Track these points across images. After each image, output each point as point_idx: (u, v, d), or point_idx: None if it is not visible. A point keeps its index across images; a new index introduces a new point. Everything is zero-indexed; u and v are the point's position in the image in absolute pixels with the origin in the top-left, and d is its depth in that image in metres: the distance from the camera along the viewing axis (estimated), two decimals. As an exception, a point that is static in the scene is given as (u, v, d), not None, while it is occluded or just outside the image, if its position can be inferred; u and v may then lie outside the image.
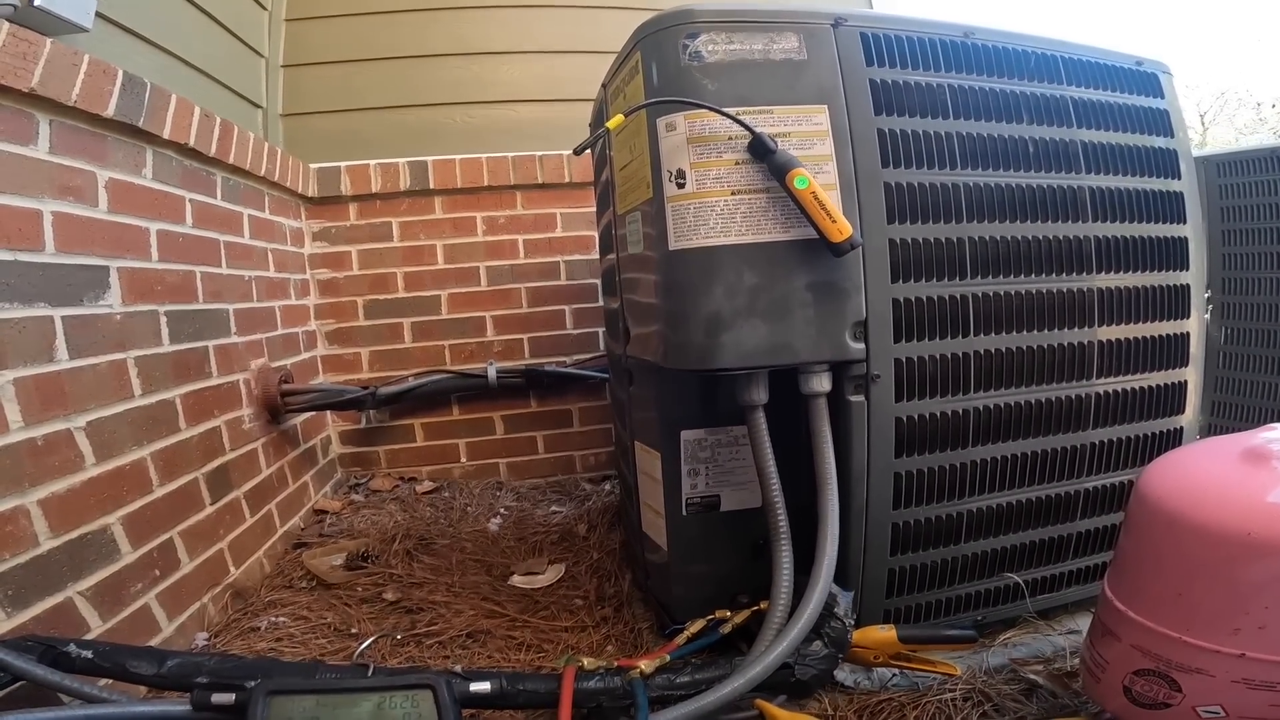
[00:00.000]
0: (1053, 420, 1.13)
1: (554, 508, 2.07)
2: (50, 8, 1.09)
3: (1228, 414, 2.06)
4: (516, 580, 1.56)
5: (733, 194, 0.99)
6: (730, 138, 0.99)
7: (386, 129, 2.34)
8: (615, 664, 0.99)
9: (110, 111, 1.18)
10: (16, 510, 0.95)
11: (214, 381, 1.52)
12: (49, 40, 1.05)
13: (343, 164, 2.21)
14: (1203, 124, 15.44)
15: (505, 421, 2.35)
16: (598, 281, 2.31)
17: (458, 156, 2.26)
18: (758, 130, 0.97)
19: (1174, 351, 1.21)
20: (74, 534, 1.05)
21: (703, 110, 0.98)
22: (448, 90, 2.38)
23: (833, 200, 0.98)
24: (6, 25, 0.97)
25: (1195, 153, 1.35)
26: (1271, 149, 1.92)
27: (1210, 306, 2.07)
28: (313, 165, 2.19)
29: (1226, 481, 0.79)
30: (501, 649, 1.28)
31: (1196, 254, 1.24)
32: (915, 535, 1.11)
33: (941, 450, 1.08)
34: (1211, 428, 2.07)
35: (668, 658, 1.00)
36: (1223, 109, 15.43)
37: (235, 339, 1.64)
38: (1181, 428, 1.23)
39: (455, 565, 1.64)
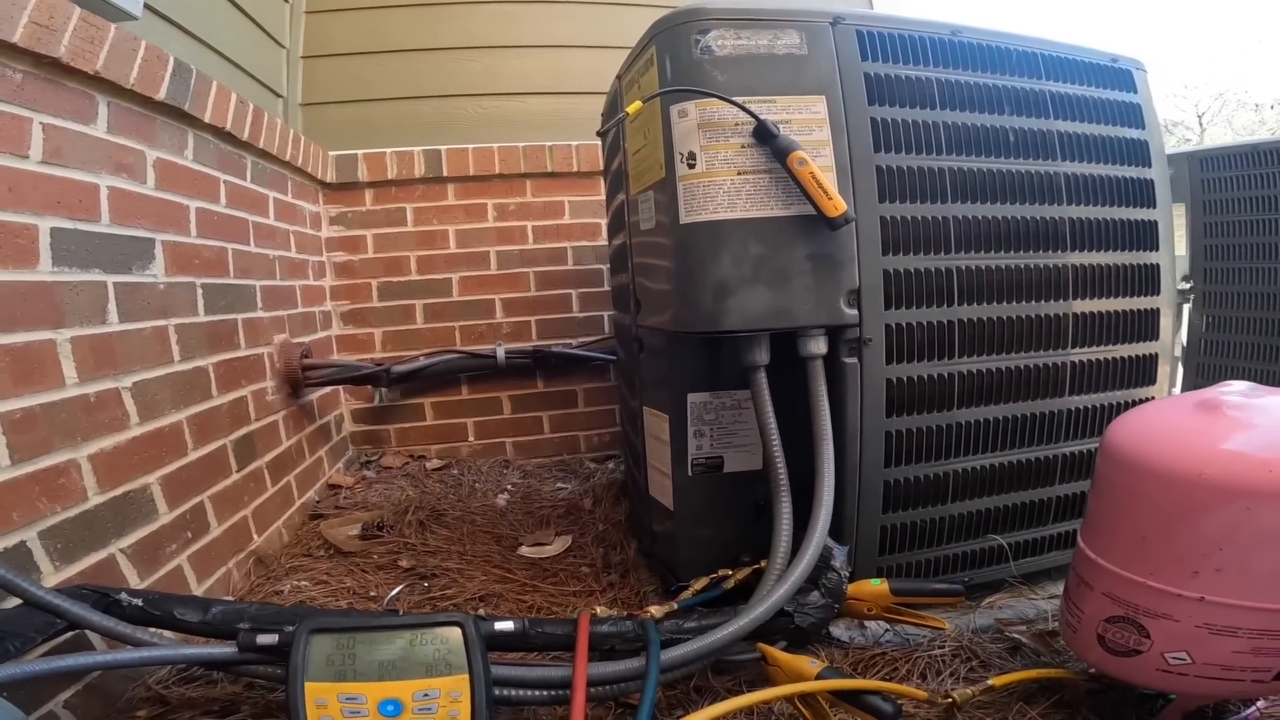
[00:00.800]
0: (1031, 386, 1.22)
1: (560, 484, 2.14)
2: None
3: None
4: (525, 550, 1.61)
5: (739, 174, 1.08)
6: (737, 124, 1.08)
7: (401, 119, 2.41)
8: (627, 613, 1.06)
9: (161, 95, 1.25)
10: (69, 464, 1.00)
11: (242, 353, 1.59)
12: (113, 26, 1.12)
13: (360, 151, 2.28)
14: (1201, 125, 15.44)
15: (512, 401, 2.42)
16: (603, 267, 2.39)
17: (470, 146, 2.34)
18: (762, 117, 1.06)
19: (1145, 325, 1.30)
20: (118, 491, 1.10)
21: (713, 99, 1.07)
22: (460, 82, 2.45)
23: (829, 180, 1.07)
24: (78, 10, 1.04)
25: (1180, 149, 1.42)
26: (1249, 145, 2.00)
27: (1192, 295, 2.15)
28: (331, 153, 2.26)
29: (1182, 429, 0.84)
30: (513, 610, 1.34)
31: (1166, 236, 1.32)
32: (905, 494, 1.19)
33: (929, 411, 1.17)
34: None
35: (675, 606, 1.08)
36: (1221, 110, 15.44)
37: (261, 314, 1.72)
38: (1152, 398, 1.31)
39: (466, 536, 1.70)
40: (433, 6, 2.43)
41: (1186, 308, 2.16)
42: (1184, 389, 2.19)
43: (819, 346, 1.11)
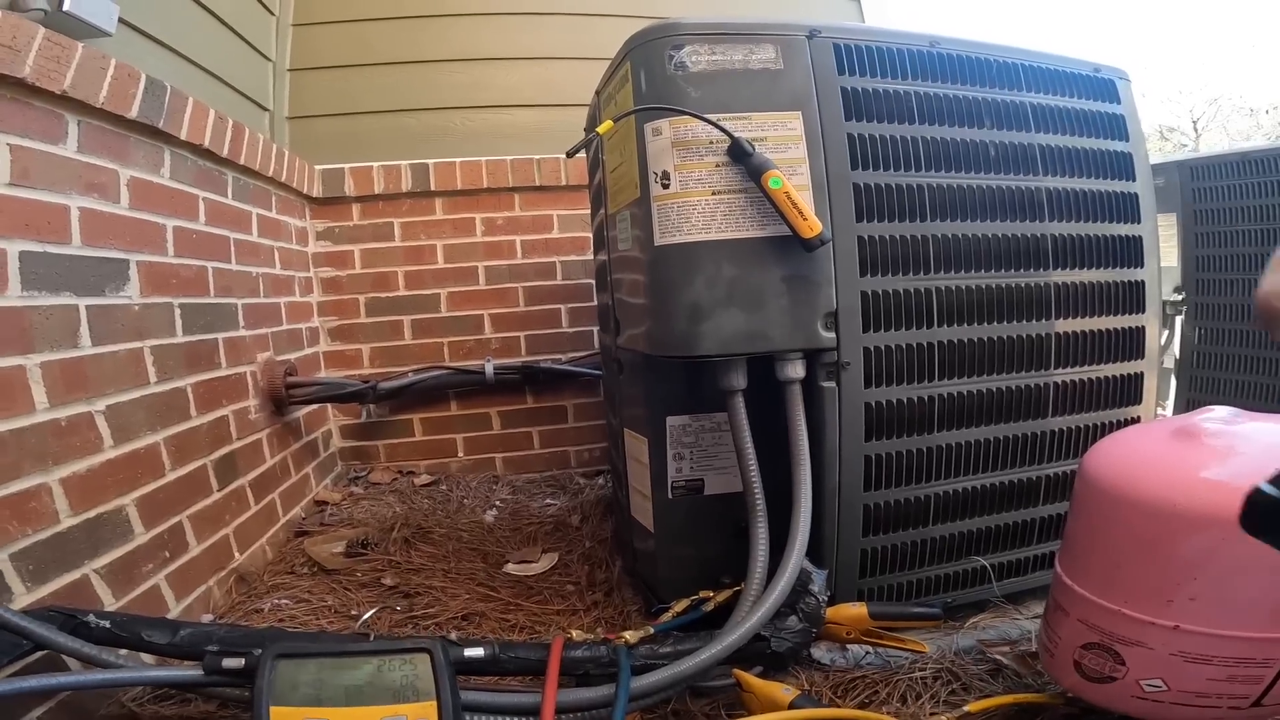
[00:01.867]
0: (1014, 408, 1.20)
1: (548, 500, 2.12)
2: (77, 13, 1.13)
3: (1203, 412, 2.11)
4: (511, 568, 1.60)
5: (713, 194, 1.06)
6: (711, 142, 1.06)
7: (388, 132, 2.40)
8: (602, 636, 1.05)
9: (134, 113, 1.24)
10: (40, 488, 0.99)
11: (223, 372, 1.57)
12: (80, 45, 1.10)
13: (346, 166, 2.27)
14: (1195, 130, 15.44)
15: (502, 417, 2.41)
16: (592, 281, 2.37)
17: (458, 159, 2.33)
18: (736, 135, 1.04)
19: (1130, 344, 1.28)
20: (92, 513, 1.09)
21: (686, 116, 1.06)
22: (447, 95, 2.44)
23: (805, 200, 1.05)
24: (42, 30, 1.02)
25: (1170, 157, 1.41)
26: (1240, 153, 1.98)
27: (1184, 307, 2.13)
28: (318, 166, 2.25)
29: (1158, 457, 0.83)
30: (495, 630, 1.33)
31: (1152, 252, 1.30)
32: (886, 517, 1.17)
33: (909, 435, 1.15)
34: (1187, 426, 2.12)
35: (652, 630, 1.07)
36: (1216, 115, 15.45)
37: (243, 332, 1.70)
38: (1138, 417, 1.30)
39: (452, 553, 1.69)
40: (419, 19, 2.42)
41: (1179, 319, 2.14)
42: (1176, 402, 2.17)
43: (796, 371, 1.09)
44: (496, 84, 2.47)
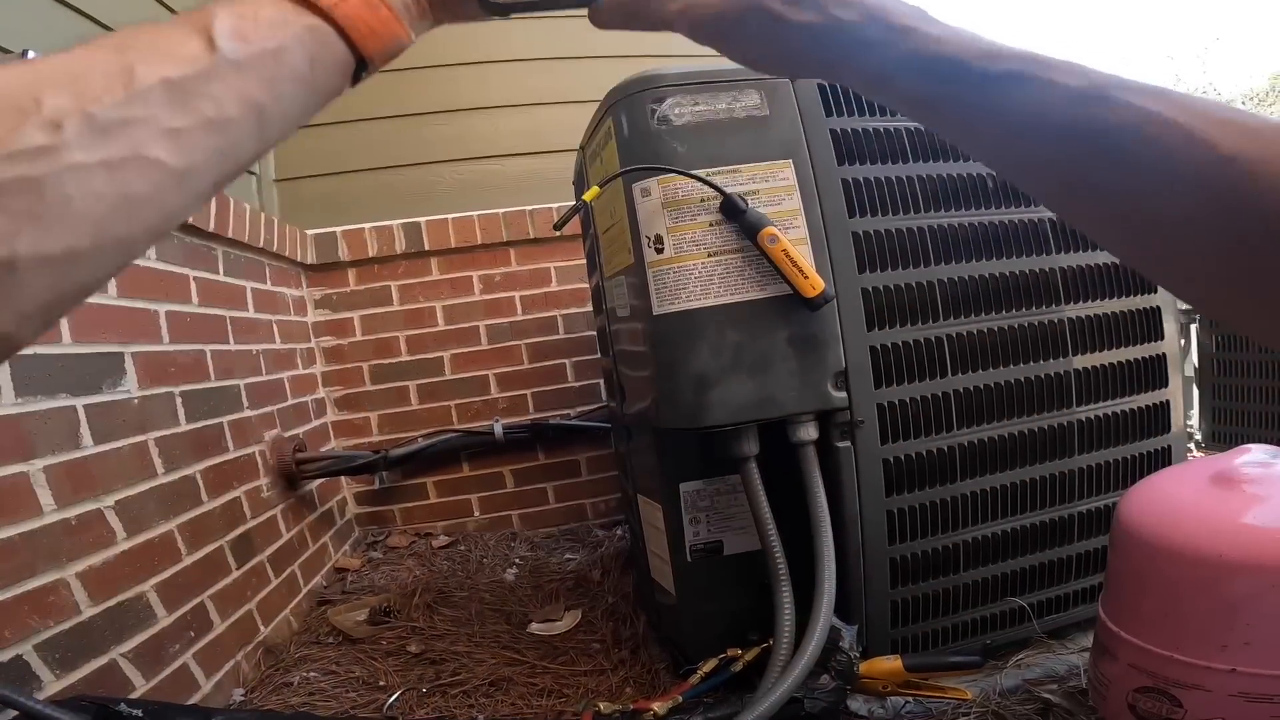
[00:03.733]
0: (1037, 450, 1.16)
1: (568, 555, 2.09)
2: None
3: (1230, 419, 2.06)
4: (535, 628, 1.58)
5: (710, 256, 1.03)
6: (703, 199, 1.04)
7: (377, 189, 2.38)
8: (631, 707, 1.02)
9: None
10: (57, 582, 0.98)
11: (231, 455, 1.55)
12: None
13: (339, 229, 2.25)
14: (1179, 126, 15.56)
15: (515, 475, 2.37)
16: (595, 333, 2.35)
17: (450, 216, 2.30)
18: (728, 190, 1.02)
19: (1152, 373, 1.23)
20: (112, 601, 1.08)
21: (674, 175, 1.03)
22: (434, 148, 2.42)
23: (804, 254, 1.03)
24: None
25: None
26: None
27: (1198, 316, 2.09)
28: (309, 231, 2.22)
29: (1199, 506, 0.82)
30: (524, 695, 1.31)
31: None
32: (914, 568, 1.13)
33: (931, 486, 1.11)
34: (1215, 435, 2.08)
35: (680, 698, 1.03)
36: (1195, 110, 15.58)
37: (248, 413, 1.68)
38: (1169, 446, 1.25)
39: (475, 616, 1.67)
40: (401, 71, 2.38)
41: (1194, 329, 2.10)
42: (1201, 413, 2.12)
43: (809, 433, 1.06)
44: (482, 134, 2.45)
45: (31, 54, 1.09)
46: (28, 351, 0.99)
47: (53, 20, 1.35)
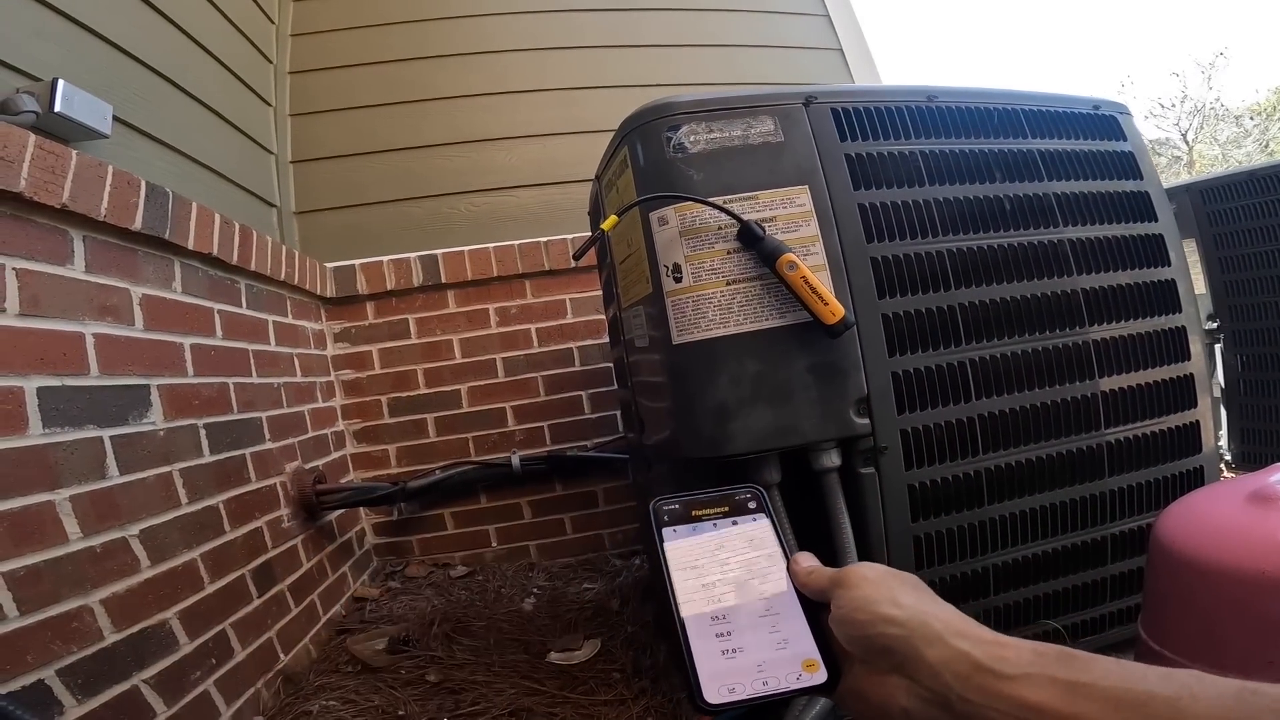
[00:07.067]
0: (1067, 473, 1.14)
1: (586, 585, 2.07)
2: (71, 114, 1.08)
3: (1259, 440, 2.02)
4: (554, 657, 1.56)
5: (728, 284, 1.03)
6: (720, 227, 1.03)
7: (394, 220, 2.41)
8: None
9: (138, 224, 1.20)
10: (81, 609, 0.99)
11: (253, 486, 1.56)
12: (74, 151, 1.05)
13: (357, 262, 2.27)
14: (1187, 142, 15.47)
15: (532, 506, 2.36)
16: (611, 365, 2.35)
17: (466, 248, 2.32)
18: (745, 218, 1.01)
19: (1180, 394, 1.21)
20: (135, 628, 1.08)
21: (691, 203, 1.03)
22: (449, 180, 2.45)
23: (823, 280, 1.02)
24: (33, 137, 0.97)
25: (1180, 180, 1.36)
26: (1247, 172, 1.92)
27: (1221, 335, 2.06)
28: (329, 264, 2.24)
29: (1238, 524, 0.81)
30: None
31: (1188, 296, 1.25)
32: (942, 592, 1.08)
33: (958, 511, 1.10)
34: (1245, 455, 2.04)
35: (703, 736, 1.02)
36: (1203, 125, 15.50)
37: (269, 445, 1.69)
38: (1201, 467, 1.22)
39: (494, 645, 1.65)
40: (417, 103, 2.46)
41: (1218, 348, 2.07)
42: (1230, 433, 2.09)
43: (832, 460, 1.05)
44: (497, 165, 2.48)
45: (61, 84, 1.11)
46: (54, 382, 1.00)
47: (83, 50, 1.37)
